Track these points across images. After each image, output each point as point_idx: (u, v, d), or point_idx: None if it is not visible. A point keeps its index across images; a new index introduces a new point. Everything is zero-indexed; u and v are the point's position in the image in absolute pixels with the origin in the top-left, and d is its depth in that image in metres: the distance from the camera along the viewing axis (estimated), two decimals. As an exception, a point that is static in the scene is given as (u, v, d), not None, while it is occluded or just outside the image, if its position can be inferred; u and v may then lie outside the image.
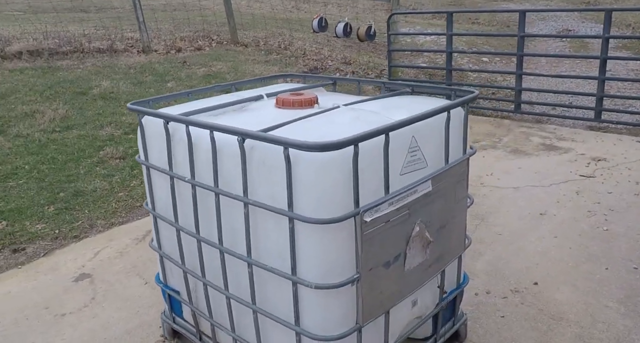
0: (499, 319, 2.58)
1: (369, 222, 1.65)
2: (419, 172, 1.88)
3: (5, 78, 6.48)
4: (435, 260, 2.01)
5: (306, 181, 1.60)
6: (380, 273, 1.75)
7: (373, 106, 2.05)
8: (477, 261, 3.09)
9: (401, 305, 1.96)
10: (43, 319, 2.76)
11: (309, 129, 1.79)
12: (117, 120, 5.69)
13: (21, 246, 3.52)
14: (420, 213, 1.85)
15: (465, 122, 2.05)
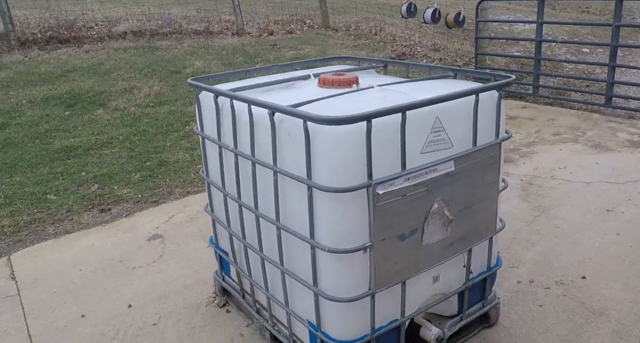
0: (536, 308, 2.57)
1: (381, 194, 1.75)
2: (442, 152, 1.94)
3: (110, 56, 7.14)
4: (459, 239, 2.07)
5: (323, 152, 1.73)
6: (394, 245, 1.85)
7: (405, 88, 2.12)
8: (528, 250, 3.06)
9: (420, 279, 2.05)
10: (117, 270, 3.12)
11: (335, 106, 1.92)
12: (205, 99, 6.11)
13: (108, 207, 3.96)
14: (441, 191, 1.92)
15: (498, 106, 2.07)
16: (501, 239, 3.19)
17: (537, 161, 4.37)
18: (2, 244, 3.51)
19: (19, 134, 5.07)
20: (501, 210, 3.51)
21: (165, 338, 2.51)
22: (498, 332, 2.42)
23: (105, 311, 2.74)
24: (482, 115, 2.04)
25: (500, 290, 2.71)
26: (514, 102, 6.17)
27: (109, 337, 2.54)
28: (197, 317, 2.64)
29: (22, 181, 4.32)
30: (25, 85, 6.14)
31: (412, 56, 7.68)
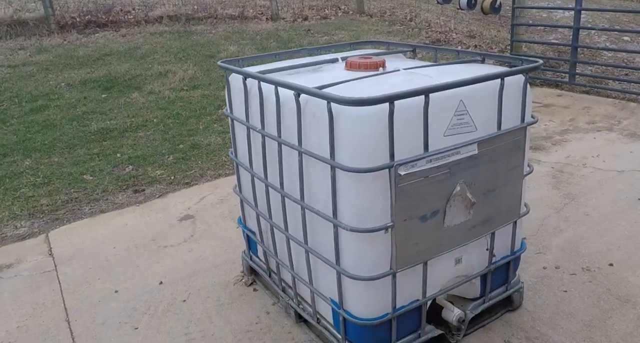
0: (561, 293, 2.56)
1: (403, 175, 1.78)
2: (465, 135, 1.95)
3: (146, 40, 7.28)
4: (482, 222, 2.08)
5: (345, 133, 1.77)
6: (416, 226, 1.88)
7: (431, 71, 2.13)
8: (555, 237, 3.04)
9: (442, 260, 2.07)
10: (149, 249, 3.23)
11: (359, 88, 1.95)
12: (237, 84, 6.20)
13: (141, 188, 4.08)
14: (463, 174, 1.94)
15: (524, 91, 2.06)
16: (528, 225, 3.18)
17: (570, 149, 4.30)
18: (40, 222, 3.66)
19: (58, 116, 5.25)
20: (530, 197, 3.51)
21: (194, 314, 2.60)
22: (521, 316, 2.43)
23: (137, 287, 2.85)
24: (508, 100, 2.03)
25: (526, 275, 2.71)
26: (549, 90, 6.05)
27: (141, 311, 2.65)
28: (225, 295, 2.72)
29: (60, 162, 4.48)
30: (64, 68, 6.33)
31: (446, 42, 7.59)
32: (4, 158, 4.54)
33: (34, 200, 3.93)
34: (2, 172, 4.32)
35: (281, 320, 2.50)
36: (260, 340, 2.39)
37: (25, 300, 2.82)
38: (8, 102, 5.52)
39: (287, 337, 2.39)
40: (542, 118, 5.10)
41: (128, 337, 2.48)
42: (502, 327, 2.37)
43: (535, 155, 4.22)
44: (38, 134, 4.93)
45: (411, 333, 2.13)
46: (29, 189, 4.08)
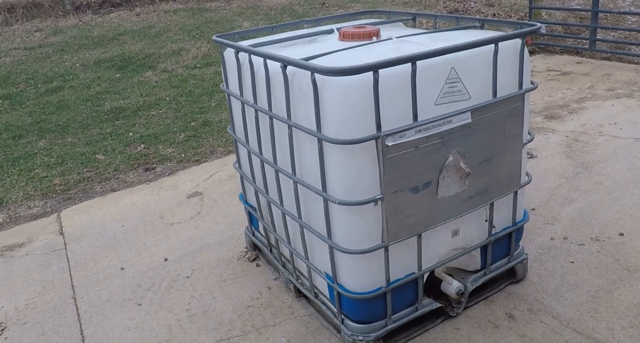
0: (568, 264, 2.50)
1: (391, 146, 1.73)
2: (458, 104, 1.89)
3: (160, 18, 7.27)
4: (479, 192, 2.03)
5: (330, 104, 1.72)
6: (407, 197, 1.84)
7: (424, 38, 2.06)
8: (565, 207, 2.96)
9: (437, 232, 2.03)
10: (156, 226, 3.27)
11: (348, 57, 1.89)
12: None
13: (152, 166, 4.11)
14: (456, 143, 1.88)
15: (521, 56, 1.98)
16: (538, 195, 3.10)
17: (586, 117, 4.16)
18: (53, 202, 3.73)
19: (72, 97, 5.31)
20: (542, 166, 3.42)
21: (197, 289, 2.62)
22: (525, 288, 2.38)
23: (142, 264, 2.89)
24: (504, 66, 1.96)
25: (532, 247, 2.65)
26: (569, 57, 5.85)
27: (145, 288, 2.69)
28: (228, 271, 2.74)
29: (73, 142, 4.54)
30: (79, 48, 6.38)
31: (464, 12, 7.38)
32: (20, 139, 4.62)
33: (47, 180, 3.99)
34: (18, 153, 4.40)
35: (282, 295, 2.51)
36: (260, 315, 2.40)
37: (35, 278, 2.88)
38: (24, 83, 5.60)
39: (287, 312, 2.40)
40: (560, 86, 4.94)
41: (131, 313, 2.52)
42: (505, 299, 2.33)
43: (550, 124, 4.09)
44: (53, 115, 4.99)
45: (408, 306, 2.11)
46: (42, 169, 4.15)
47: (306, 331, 2.28)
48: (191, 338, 2.31)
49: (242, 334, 2.30)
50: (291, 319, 2.35)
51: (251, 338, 2.28)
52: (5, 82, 5.60)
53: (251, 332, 2.31)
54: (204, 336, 2.32)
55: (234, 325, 2.36)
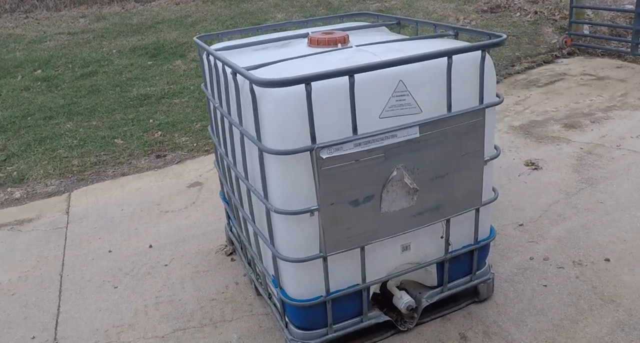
0: (539, 288, 2.40)
1: (325, 158, 1.72)
2: (408, 117, 1.84)
3: (198, 8, 7.42)
4: (431, 209, 1.98)
5: (267, 114, 1.73)
6: (346, 210, 1.82)
7: (380, 48, 2.01)
8: (555, 226, 2.83)
9: (385, 246, 2.00)
10: (152, 212, 3.38)
11: (296, 67, 1.88)
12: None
13: (164, 153, 4.24)
14: (402, 158, 1.84)
15: (482, 69, 1.90)
16: (531, 211, 2.98)
17: (609, 128, 3.93)
18: (68, 182, 3.92)
19: (104, 82, 5.53)
20: (545, 180, 3.28)
21: (170, 278, 2.71)
22: (487, 309, 2.31)
23: (129, 249, 3.00)
24: (462, 79, 1.89)
25: (507, 265, 2.56)
26: (610, 61, 5.52)
27: (124, 272, 2.80)
28: (204, 262, 2.81)
29: (97, 125, 4.74)
30: (118, 35, 6.62)
31: (506, 9, 7.09)
32: (50, 120, 4.87)
33: (67, 160, 4.20)
34: (46, 133, 4.64)
35: (246, 292, 2.55)
36: (221, 309, 2.45)
37: (33, 253, 3.06)
38: (63, 67, 5.88)
39: (246, 309, 2.44)
40: (590, 92, 4.68)
41: (106, 295, 2.63)
42: (463, 318, 2.27)
43: (566, 134, 3.90)
44: (83, 99, 5.22)
45: (354, 317, 2.10)
46: (65, 150, 4.36)
47: (259, 330, 2.31)
48: (152, 325, 2.40)
49: (199, 326, 2.37)
50: (248, 316, 2.39)
51: (206, 331, 2.34)
52: (47, 64, 5.90)
53: (208, 325, 2.37)
54: (164, 324, 2.40)
55: (194, 316, 2.43)
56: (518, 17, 6.62)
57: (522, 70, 5.40)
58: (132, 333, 2.38)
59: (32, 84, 5.50)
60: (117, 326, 2.43)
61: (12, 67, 5.87)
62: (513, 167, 3.49)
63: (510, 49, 5.80)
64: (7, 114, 4.97)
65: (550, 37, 6.08)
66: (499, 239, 2.76)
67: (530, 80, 5.16)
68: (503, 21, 6.52)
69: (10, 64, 5.93)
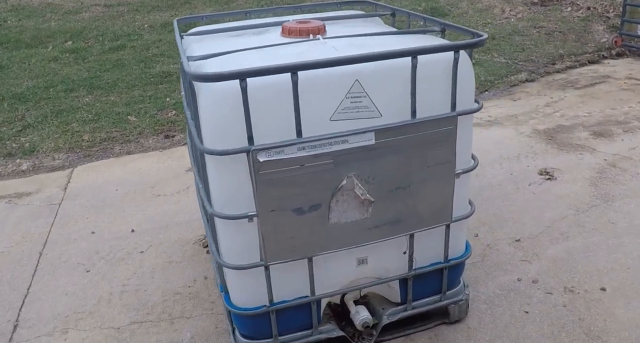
0: (519, 314, 2.19)
1: (263, 162, 1.58)
2: (364, 122, 1.67)
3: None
4: (390, 222, 1.81)
5: (205, 111, 1.60)
6: (289, 218, 1.68)
7: (347, 42, 1.83)
8: (555, 245, 2.59)
9: (338, 258, 1.85)
10: (144, 195, 3.33)
11: (247, 58, 1.73)
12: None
13: (173, 133, 4.19)
14: (355, 166, 1.67)
15: (455, 71, 1.69)
16: (532, 225, 2.74)
17: (643, 139, 3.59)
18: (74, 157, 3.94)
19: (129, 57, 5.53)
20: (557, 192, 3.02)
21: (142, 266, 2.65)
22: (456, 332, 2.13)
23: (111, 232, 2.96)
24: (434, 82, 1.70)
25: (491, 285, 2.35)
26: (662, 63, 5.06)
27: (100, 256, 2.76)
28: (178, 252, 2.73)
29: (114, 101, 4.74)
30: (152, 10, 6.60)
31: (558, 2, 6.61)
32: (70, 93, 4.91)
33: (78, 135, 4.22)
34: (64, 106, 4.68)
35: (212, 288, 2.46)
36: (182, 304, 2.38)
37: (21, 228, 3.07)
38: (93, 39, 5.92)
39: (207, 307, 2.35)
40: (631, 98, 4.29)
41: (77, 278, 2.60)
42: (429, 340, 2.10)
43: (593, 143, 3.58)
44: (107, 73, 5.24)
45: (304, 329, 1.96)
46: (78, 124, 4.38)
47: (214, 330, 2.22)
48: (111, 315, 2.35)
49: (156, 321, 2.30)
50: (207, 315, 2.30)
51: (161, 326, 2.26)
52: (78, 36, 5.95)
53: (165, 320, 2.30)
54: (123, 315, 2.34)
55: (155, 309, 2.36)
56: (568, 12, 6.17)
57: (563, 69, 5.02)
58: (90, 321, 2.33)
59: (60, 55, 5.56)
60: (78, 312, 2.39)
61: (45, 37, 5.96)
62: (525, 175, 3.23)
63: (554, 45, 5.41)
64: (32, 84, 5.05)
65: (600, 35, 5.63)
66: (488, 255, 2.55)
67: (568, 81, 4.79)
68: (551, 16, 6.08)
69: (43, 34, 6.03)
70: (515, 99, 4.49)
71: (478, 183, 3.16)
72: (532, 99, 4.46)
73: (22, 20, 6.52)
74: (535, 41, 5.59)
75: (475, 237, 2.68)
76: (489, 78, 4.79)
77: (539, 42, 5.55)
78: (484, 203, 2.95)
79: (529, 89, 4.68)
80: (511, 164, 3.37)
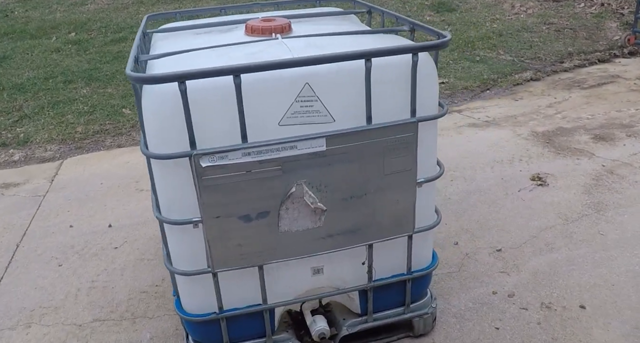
0: (490, 330, 2.09)
1: (206, 167, 1.51)
2: (316, 127, 1.59)
3: (243, -22, 7.20)
4: (345, 232, 1.73)
5: (147, 114, 1.54)
6: (236, 225, 1.62)
7: (305, 42, 1.75)
8: (537, 256, 2.48)
9: (291, 267, 1.78)
10: (127, 190, 3.30)
11: (196, 59, 1.67)
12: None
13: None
14: (305, 173, 1.60)
15: (414, 76, 1.60)
16: (516, 234, 2.63)
17: (646, 145, 3.43)
18: (66, 148, 3.93)
19: (130, 49, 5.47)
20: (546, 199, 2.90)
21: (114, 263, 2.62)
22: (421, 345, 2.05)
23: (89, 226, 2.94)
24: (393, 86, 1.61)
25: (463, 298, 2.26)
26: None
27: (74, 251, 2.74)
28: (151, 250, 2.70)
29: (111, 93, 4.72)
30: (157, 2, 6.56)
31: (575, -3, 6.38)
32: (69, 84, 4.90)
33: (72, 127, 4.21)
34: (61, 97, 4.68)
35: (179, 290, 2.41)
36: (147, 304, 2.34)
37: (4, 219, 3.07)
38: (96, 31, 5.91)
39: (171, 307, 2.30)
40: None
41: (48, 273, 2.59)
42: (390, 352, 2.02)
43: (592, 147, 3.43)
44: (106, 64, 5.22)
45: (259, 338, 1.90)
46: (73, 116, 4.38)
47: (173, 332, 2.18)
48: (75, 311, 2.33)
49: (118, 319, 2.27)
50: (169, 316, 2.26)
51: (123, 325, 2.23)
52: (82, 28, 5.95)
53: (128, 319, 2.27)
54: (87, 312, 2.32)
55: (119, 308, 2.33)
56: (581, 8, 5.95)
57: (571, 68, 4.85)
58: (54, 317, 2.31)
59: (63, 46, 5.56)
60: (44, 307, 2.37)
61: (49, 28, 5.97)
62: (516, 180, 3.11)
63: (563, 43, 5.23)
64: (32, 74, 5.05)
65: (612, 33, 5.42)
66: (466, 264, 2.45)
67: (575, 80, 4.62)
68: (563, 12, 5.88)
69: (48, 25, 6.04)
70: (517, 99, 4.34)
71: (466, 187, 3.06)
72: (534, 99, 4.31)
73: (28, 11, 6.55)
74: (544, 38, 5.40)
75: (454, 245, 2.59)
76: (492, 76, 4.64)
77: (548, 40, 5.37)
78: (469, 209, 2.85)
79: (533, 88, 4.52)
80: (503, 167, 3.25)
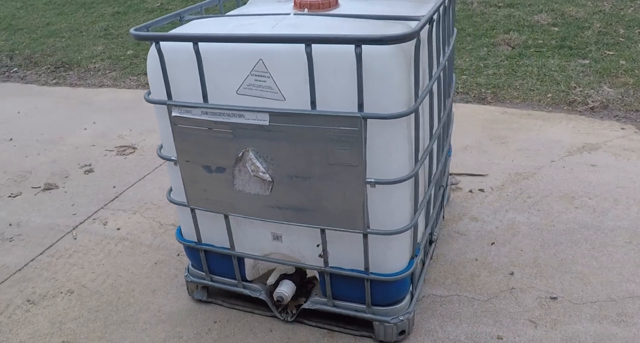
0: (456, 365, 1.87)
1: (174, 116, 1.80)
2: (268, 102, 1.70)
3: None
4: (292, 208, 1.82)
5: (148, 65, 1.87)
6: (201, 173, 1.88)
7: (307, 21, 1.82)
8: (589, 322, 2.00)
9: (254, 225, 1.95)
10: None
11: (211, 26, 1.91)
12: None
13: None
14: (252, 143, 1.75)
15: (359, 68, 1.52)
16: (591, 291, 2.17)
17: None
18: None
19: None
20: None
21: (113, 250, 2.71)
22: (373, 348, 1.97)
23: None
24: (344, 76, 1.58)
25: (460, 331, 2.03)
26: None
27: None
28: (150, 235, 2.80)
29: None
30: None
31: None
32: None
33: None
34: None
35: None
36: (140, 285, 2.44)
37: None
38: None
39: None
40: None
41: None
42: (346, 343, 2.01)
43: None
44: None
45: (233, 278, 2.14)
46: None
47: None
48: (171, 219, 2.88)
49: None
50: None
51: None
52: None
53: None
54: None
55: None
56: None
57: None
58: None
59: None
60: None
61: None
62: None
63: None
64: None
65: None
66: (499, 299, 2.16)
67: None
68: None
69: None
70: None
71: (584, 220, 2.55)
72: None
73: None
74: None
75: (509, 274, 2.27)
76: None
77: None
78: (565, 244, 2.40)
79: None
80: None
